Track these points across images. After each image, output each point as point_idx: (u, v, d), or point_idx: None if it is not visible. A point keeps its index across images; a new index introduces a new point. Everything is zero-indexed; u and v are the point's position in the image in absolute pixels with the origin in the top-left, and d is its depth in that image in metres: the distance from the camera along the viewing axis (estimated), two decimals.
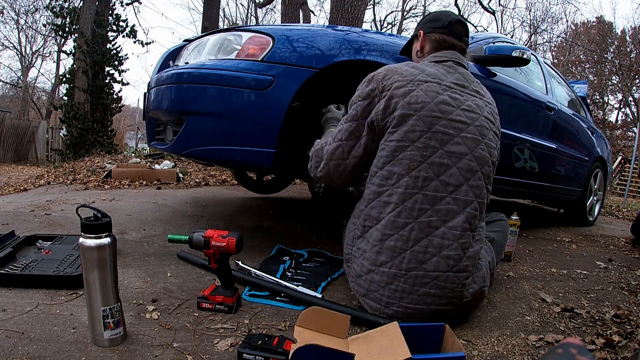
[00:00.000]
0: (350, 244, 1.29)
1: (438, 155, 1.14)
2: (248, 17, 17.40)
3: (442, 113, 1.15)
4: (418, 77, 1.18)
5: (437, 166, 1.13)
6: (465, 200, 1.16)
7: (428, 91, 1.16)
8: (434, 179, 1.13)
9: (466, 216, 1.15)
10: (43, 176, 4.31)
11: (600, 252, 2.45)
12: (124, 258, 1.58)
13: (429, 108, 1.14)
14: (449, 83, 1.20)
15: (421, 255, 1.13)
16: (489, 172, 1.23)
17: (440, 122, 1.14)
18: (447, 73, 1.23)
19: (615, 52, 18.05)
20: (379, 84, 1.19)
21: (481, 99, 1.27)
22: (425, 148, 1.13)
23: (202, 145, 1.57)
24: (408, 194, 1.13)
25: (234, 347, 1.01)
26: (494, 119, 1.29)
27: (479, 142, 1.19)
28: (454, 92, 1.20)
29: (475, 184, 1.18)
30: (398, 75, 1.18)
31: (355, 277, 1.24)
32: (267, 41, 1.55)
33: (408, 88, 1.16)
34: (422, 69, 1.21)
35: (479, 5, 10.03)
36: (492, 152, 1.24)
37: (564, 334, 1.25)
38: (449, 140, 1.15)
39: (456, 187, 1.15)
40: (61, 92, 15.35)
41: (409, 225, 1.13)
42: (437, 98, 1.16)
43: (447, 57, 1.28)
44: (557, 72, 3.38)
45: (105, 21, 7.22)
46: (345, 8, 4.50)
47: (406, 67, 1.22)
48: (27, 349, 0.94)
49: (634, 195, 10.41)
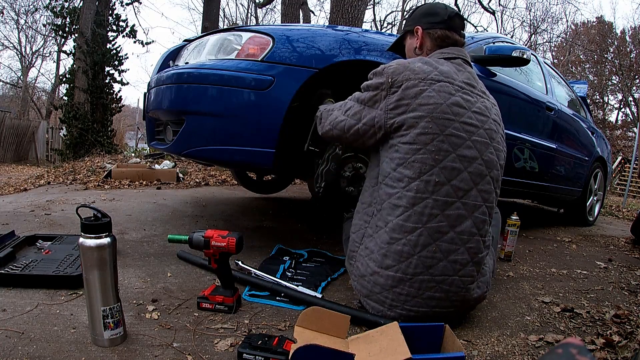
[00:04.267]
0: (359, 241, 1.25)
1: (450, 159, 1.11)
2: (248, 17, 17.41)
3: (455, 115, 1.12)
4: (431, 74, 1.14)
5: (450, 170, 1.11)
6: (474, 205, 1.14)
7: (441, 91, 1.12)
8: (446, 183, 1.11)
9: (474, 221, 1.14)
10: (43, 176, 4.31)
11: (600, 252, 2.45)
12: (124, 258, 1.58)
13: (441, 109, 1.11)
14: (460, 83, 1.17)
15: (429, 260, 1.11)
16: (497, 176, 1.21)
17: (453, 125, 1.11)
18: (458, 71, 1.20)
19: (615, 52, 18.04)
20: (389, 78, 1.15)
21: (488, 100, 1.25)
22: (438, 152, 1.10)
23: (202, 145, 1.57)
24: (418, 198, 1.10)
25: (234, 347, 1.01)
26: (499, 121, 1.27)
27: (489, 145, 1.17)
28: (465, 93, 1.16)
29: (484, 188, 1.16)
30: (410, 72, 1.14)
31: (359, 276, 1.22)
32: (267, 41, 1.55)
33: (420, 88, 1.12)
34: (435, 66, 1.17)
35: (479, 5, 10.03)
36: (500, 155, 1.22)
37: (564, 334, 1.25)
38: (461, 144, 1.12)
39: (466, 192, 1.13)
40: (61, 92, 15.33)
41: (417, 230, 1.11)
42: (450, 99, 1.12)
43: (455, 55, 1.24)
44: (557, 72, 3.38)
45: (105, 21, 7.22)
46: (345, 8, 4.49)
47: (419, 63, 1.17)
48: (27, 349, 0.94)
49: (634, 195, 10.40)
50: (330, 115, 1.31)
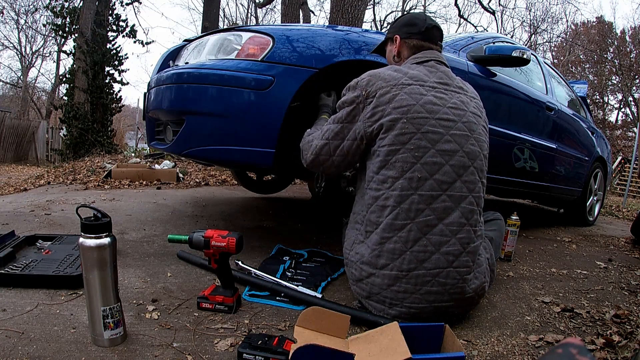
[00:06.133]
0: (349, 248, 1.29)
1: (430, 154, 1.15)
2: (248, 17, 17.40)
3: (429, 113, 1.16)
4: (401, 80, 1.19)
5: (430, 165, 1.15)
6: (460, 196, 1.17)
7: (412, 93, 1.17)
8: (428, 178, 1.14)
9: (461, 212, 1.17)
10: (43, 176, 4.31)
11: (600, 252, 2.45)
12: (124, 258, 1.58)
13: (415, 110, 1.15)
14: (432, 83, 1.22)
15: (421, 254, 1.13)
16: (481, 166, 1.24)
17: (428, 122, 1.15)
18: (430, 73, 1.25)
19: (615, 52, 18.03)
20: (363, 90, 1.20)
21: (465, 94, 1.28)
22: (417, 149, 1.14)
23: (202, 145, 1.57)
24: (404, 196, 1.14)
25: (234, 347, 1.01)
26: (480, 113, 1.30)
27: (469, 137, 1.21)
28: (438, 92, 1.21)
29: (468, 179, 1.19)
30: (382, 81, 1.19)
31: (356, 281, 1.25)
32: (267, 41, 1.55)
33: (392, 93, 1.17)
34: (405, 71, 1.22)
35: (479, 5, 10.04)
36: (482, 146, 1.26)
37: (564, 334, 1.25)
38: (439, 139, 1.16)
39: (450, 184, 1.16)
40: (61, 92, 15.35)
41: (407, 226, 1.13)
42: (422, 99, 1.17)
43: (427, 57, 1.30)
44: (557, 72, 3.38)
45: (105, 21, 7.21)
46: (345, 8, 4.49)
47: (389, 71, 1.23)
48: (27, 349, 0.94)
49: (634, 195, 10.40)
50: (311, 145, 1.32)
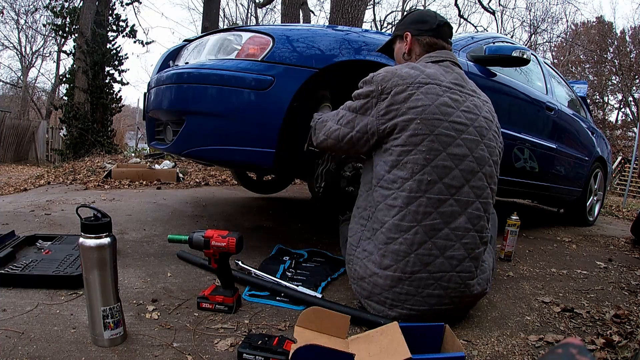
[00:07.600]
0: (355, 245, 1.27)
1: (441, 157, 1.14)
2: (248, 17, 17.39)
3: (444, 115, 1.15)
4: (418, 78, 1.17)
5: (441, 169, 1.13)
6: (467, 201, 1.16)
7: (428, 93, 1.16)
8: (438, 181, 1.13)
9: (468, 217, 1.16)
10: (43, 176, 4.31)
11: (600, 252, 2.45)
12: (124, 258, 1.58)
13: (429, 111, 1.14)
14: (448, 84, 1.20)
15: (425, 257, 1.13)
16: (490, 172, 1.23)
17: (442, 125, 1.14)
18: (446, 73, 1.23)
19: (615, 52, 18.03)
20: (378, 86, 1.19)
21: (478, 97, 1.27)
22: (429, 151, 1.13)
23: (202, 146, 1.57)
24: (412, 198, 1.13)
25: (234, 347, 1.01)
26: (492, 118, 1.29)
27: (479, 142, 1.19)
28: (453, 93, 1.20)
29: (476, 184, 1.18)
30: (398, 78, 1.18)
31: (358, 279, 1.24)
32: (267, 41, 1.55)
33: (408, 92, 1.15)
34: (422, 69, 1.21)
35: (479, 5, 10.03)
36: (492, 152, 1.24)
37: (564, 334, 1.25)
38: (450, 143, 1.15)
39: (458, 189, 1.15)
40: (61, 92, 15.32)
41: (413, 228, 1.13)
42: (437, 100, 1.15)
43: (443, 57, 1.29)
44: (557, 72, 3.38)
45: (105, 21, 7.22)
46: (345, 8, 4.49)
47: (406, 68, 1.21)
48: (27, 349, 0.94)
49: (634, 195, 10.40)
50: (325, 126, 1.32)
